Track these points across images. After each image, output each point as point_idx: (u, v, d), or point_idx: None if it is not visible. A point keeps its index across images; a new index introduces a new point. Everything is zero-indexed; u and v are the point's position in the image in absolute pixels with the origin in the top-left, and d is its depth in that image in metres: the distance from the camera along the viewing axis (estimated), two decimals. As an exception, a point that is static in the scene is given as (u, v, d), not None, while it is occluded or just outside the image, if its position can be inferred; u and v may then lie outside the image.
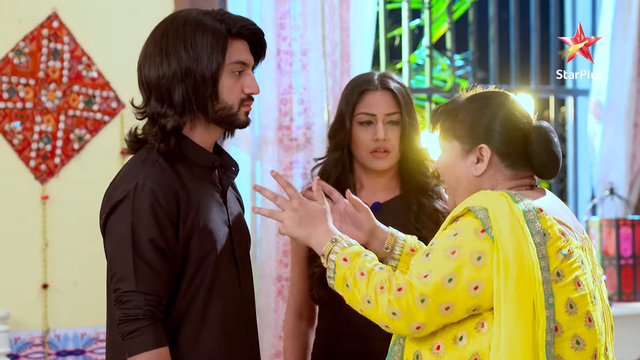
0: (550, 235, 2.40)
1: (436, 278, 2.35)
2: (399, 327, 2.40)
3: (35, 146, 3.89)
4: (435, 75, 5.54)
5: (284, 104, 4.13)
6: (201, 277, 2.63)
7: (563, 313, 2.36)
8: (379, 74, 3.32)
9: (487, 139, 2.48)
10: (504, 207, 2.38)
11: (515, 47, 5.06)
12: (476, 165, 2.49)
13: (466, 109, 2.52)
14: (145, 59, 2.66)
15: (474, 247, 2.36)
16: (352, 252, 2.50)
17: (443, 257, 2.37)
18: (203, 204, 2.64)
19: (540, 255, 2.36)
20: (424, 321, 2.37)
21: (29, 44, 3.89)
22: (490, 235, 2.36)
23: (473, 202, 2.42)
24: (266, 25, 4.06)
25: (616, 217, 4.84)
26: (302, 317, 3.40)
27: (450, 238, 2.40)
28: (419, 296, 2.36)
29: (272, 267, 4.09)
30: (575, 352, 2.37)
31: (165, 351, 2.54)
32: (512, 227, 2.36)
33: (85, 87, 3.95)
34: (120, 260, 2.56)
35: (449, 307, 2.36)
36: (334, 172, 3.31)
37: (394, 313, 2.38)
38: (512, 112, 2.50)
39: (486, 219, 2.37)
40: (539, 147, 2.48)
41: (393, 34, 5.74)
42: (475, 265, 2.35)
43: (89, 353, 3.97)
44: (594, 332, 2.40)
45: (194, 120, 2.67)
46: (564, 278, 2.38)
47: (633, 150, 4.96)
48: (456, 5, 5.36)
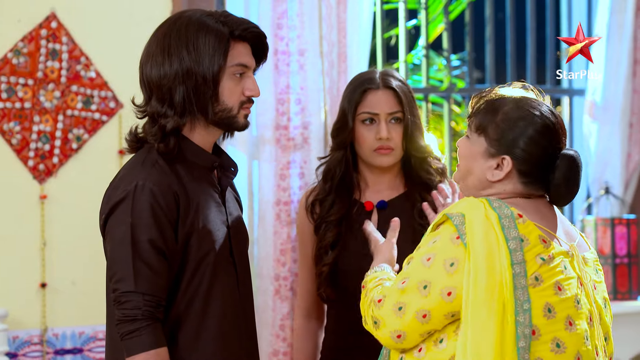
0: (529, 240, 2.40)
1: (412, 285, 2.41)
2: (382, 337, 2.46)
3: (34, 146, 3.90)
4: (432, 75, 5.55)
5: (281, 104, 4.14)
6: (200, 277, 2.64)
7: (541, 317, 2.37)
8: (380, 72, 3.33)
9: (512, 152, 2.47)
10: (479, 214, 2.40)
11: (511, 47, 5.07)
12: (494, 171, 2.49)
13: (506, 114, 2.49)
14: (148, 58, 2.67)
15: (447, 254, 2.40)
16: (370, 279, 2.60)
17: (419, 264, 2.42)
18: (202, 205, 2.65)
19: (516, 261, 2.37)
20: (404, 329, 2.41)
21: (27, 44, 3.90)
22: (463, 242, 2.38)
23: (452, 209, 2.45)
24: (264, 26, 4.06)
25: (611, 217, 4.86)
26: (311, 317, 3.42)
27: (429, 245, 2.44)
28: (396, 304, 2.41)
29: (270, 266, 4.10)
30: (555, 354, 2.38)
31: (163, 351, 2.55)
32: (485, 233, 2.37)
33: (84, 87, 3.95)
34: (119, 260, 2.57)
35: (426, 314, 2.39)
36: (338, 171, 3.32)
37: (375, 322, 2.45)
38: (545, 135, 2.47)
39: (461, 226, 2.40)
40: (562, 175, 2.47)
41: (390, 34, 5.75)
42: (448, 271, 2.38)
43: (87, 352, 3.97)
44: (576, 336, 2.41)
45: (194, 121, 2.68)
46: (543, 282, 2.39)
47: (628, 150, 4.97)
48: (452, 6, 5.37)
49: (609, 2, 4.93)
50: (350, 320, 3.24)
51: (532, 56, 5.10)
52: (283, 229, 4.09)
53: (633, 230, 4.85)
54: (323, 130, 4.16)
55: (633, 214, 4.96)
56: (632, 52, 4.92)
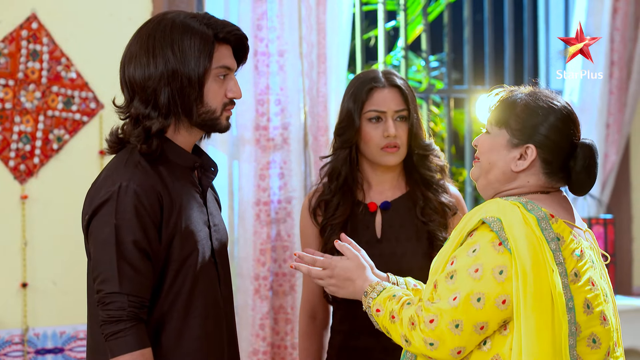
0: (564, 238, 2.42)
1: (464, 300, 2.37)
2: (440, 356, 2.42)
3: (15, 146, 3.90)
4: (411, 76, 5.58)
5: (261, 105, 4.15)
6: (183, 277, 2.64)
7: (582, 314, 2.40)
8: (382, 71, 3.34)
9: (536, 141, 2.49)
10: (517, 217, 2.40)
11: (490, 48, 5.11)
12: (517, 161, 2.51)
13: (526, 105, 2.52)
14: (130, 58, 2.66)
15: (494, 262, 2.38)
16: (382, 300, 2.55)
17: (467, 277, 2.39)
18: (184, 205, 2.66)
19: (558, 262, 2.39)
20: (463, 345, 2.40)
21: (8, 45, 3.90)
22: (507, 248, 2.37)
23: (487, 213, 2.43)
24: (243, 27, 4.07)
25: (589, 216, 4.90)
26: (315, 318, 3.41)
27: (470, 255, 2.41)
28: (453, 322, 2.38)
29: (250, 266, 4.12)
30: (591, 350, 2.41)
31: (148, 352, 2.56)
32: (527, 237, 2.38)
33: (64, 87, 3.96)
34: (103, 261, 2.57)
35: (483, 326, 2.38)
36: (344, 170, 3.33)
37: (431, 344, 2.41)
38: (567, 123, 2.51)
39: (501, 231, 2.39)
40: (582, 163, 2.50)
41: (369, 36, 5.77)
42: (499, 280, 2.37)
43: (67, 351, 3.98)
44: (609, 331, 2.44)
45: (177, 122, 2.68)
46: (580, 278, 2.41)
47: (605, 150, 5.01)
48: (431, 7, 5.40)
49: (585, 3, 4.97)
50: (356, 320, 3.24)
51: (510, 57, 5.14)
52: (263, 229, 4.11)
53: (610, 230, 4.89)
54: (303, 131, 4.18)
55: (610, 214, 5.00)
56: (609, 53, 4.96)
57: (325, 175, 3.37)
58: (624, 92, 5.02)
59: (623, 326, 4.77)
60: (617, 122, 5.01)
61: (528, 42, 5.19)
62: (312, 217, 3.37)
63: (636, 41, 5.04)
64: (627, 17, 4.98)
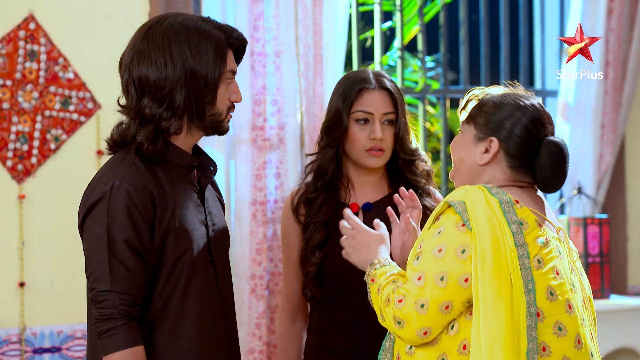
0: (528, 224, 2.49)
1: (429, 279, 2.44)
2: (406, 335, 2.47)
3: (12, 146, 3.91)
4: (407, 76, 5.59)
5: (258, 105, 4.17)
6: (177, 276, 2.66)
7: (544, 300, 2.45)
8: (373, 73, 3.33)
9: (501, 135, 2.58)
10: (480, 199, 2.48)
11: (485, 49, 5.12)
12: (483, 155, 2.59)
13: (494, 102, 2.61)
14: (141, 58, 2.67)
15: (457, 242, 2.46)
16: (380, 273, 2.59)
17: (431, 257, 2.46)
18: (179, 205, 2.67)
19: (519, 244, 2.45)
20: (429, 325, 2.45)
21: (5, 45, 3.91)
22: (469, 228, 2.45)
23: (452, 197, 2.51)
24: (240, 27, 4.08)
25: (584, 216, 4.91)
26: (296, 319, 3.42)
27: (435, 236, 2.49)
28: (418, 302, 2.44)
29: (246, 266, 4.13)
30: (557, 338, 2.46)
31: (139, 350, 2.58)
32: (488, 218, 2.45)
33: (62, 87, 3.97)
34: (96, 260, 2.59)
35: (448, 305, 2.44)
36: (330, 168, 3.33)
37: (398, 322, 2.46)
38: (533, 119, 2.58)
39: (464, 212, 2.47)
40: (545, 160, 2.56)
41: (365, 36, 5.79)
42: (461, 258, 2.44)
43: (65, 350, 3.98)
44: (575, 319, 2.49)
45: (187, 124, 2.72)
46: (544, 265, 2.47)
47: (600, 150, 5.03)
48: (427, 8, 5.42)
49: (580, 4, 4.98)
50: (334, 320, 3.25)
51: (505, 58, 5.15)
52: (259, 229, 4.12)
53: (605, 230, 4.90)
54: (299, 131, 4.19)
55: (605, 214, 5.02)
56: (604, 54, 4.98)
57: (311, 172, 3.37)
58: (619, 92, 5.04)
59: (618, 325, 4.83)
60: (612, 123, 5.02)
61: (524, 43, 5.20)
62: (294, 215, 3.37)
63: (631, 42, 5.05)
64: (622, 18, 5.00)
